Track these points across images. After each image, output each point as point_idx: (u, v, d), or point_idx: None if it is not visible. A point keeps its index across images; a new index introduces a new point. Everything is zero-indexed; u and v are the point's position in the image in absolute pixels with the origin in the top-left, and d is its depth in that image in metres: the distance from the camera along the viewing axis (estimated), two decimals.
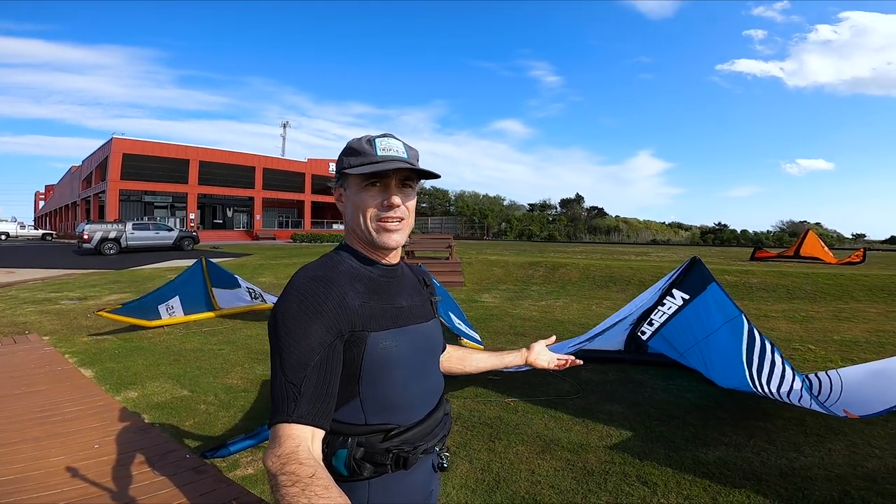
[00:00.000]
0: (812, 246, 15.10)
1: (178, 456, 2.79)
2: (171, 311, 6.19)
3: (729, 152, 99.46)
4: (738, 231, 39.92)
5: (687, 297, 3.52)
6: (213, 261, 7.14)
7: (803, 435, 3.06)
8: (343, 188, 0.96)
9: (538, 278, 11.10)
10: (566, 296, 9.31)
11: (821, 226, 42.26)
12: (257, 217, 36.30)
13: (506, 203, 53.78)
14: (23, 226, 39.39)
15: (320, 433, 0.78)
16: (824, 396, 3.26)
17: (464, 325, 5.28)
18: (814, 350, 5.18)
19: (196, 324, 6.35)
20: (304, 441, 0.73)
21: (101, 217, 30.77)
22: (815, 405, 2.79)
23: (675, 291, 3.56)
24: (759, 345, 3.20)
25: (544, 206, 51.28)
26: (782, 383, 3.11)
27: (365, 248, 0.96)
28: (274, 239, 34.08)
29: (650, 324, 3.68)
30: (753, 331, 3.24)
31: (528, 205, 52.67)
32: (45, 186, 67.52)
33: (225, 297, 6.85)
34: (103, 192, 30.93)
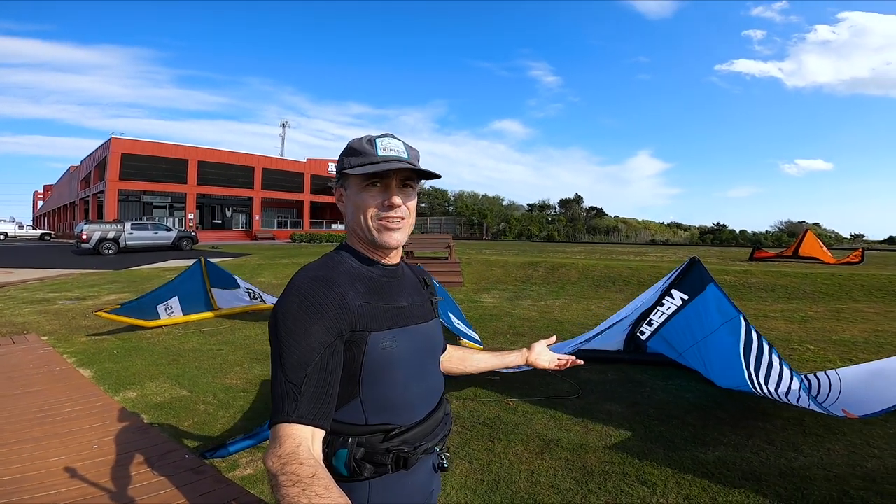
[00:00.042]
0: (811, 246, 15.13)
1: (177, 456, 2.79)
2: (170, 311, 6.18)
3: (728, 152, 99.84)
4: (737, 231, 39.98)
5: (686, 297, 3.52)
6: (212, 261, 7.14)
7: (802, 435, 3.07)
8: (344, 188, 0.96)
9: (537, 278, 11.10)
10: (565, 296, 9.31)
11: (819, 226, 42.35)
12: (256, 217, 36.28)
13: (505, 203, 53.88)
14: (21, 226, 39.35)
15: (321, 433, 0.78)
16: (823, 396, 3.27)
17: (463, 325, 5.28)
18: (812, 350, 5.19)
19: (195, 324, 6.34)
20: (304, 441, 0.73)
21: (99, 217, 30.72)
22: (814, 405, 2.80)
23: (673, 292, 3.56)
24: (757, 345, 3.21)
25: (543, 207, 51.33)
26: (780, 384, 3.12)
27: (366, 248, 0.96)
28: (273, 239, 34.05)
29: (649, 324, 3.69)
30: (751, 332, 3.25)
31: (528, 205, 52.76)
32: (44, 186, 67.44)
33: (224, 298, 6.84)
34: (102, 191, 30.90)
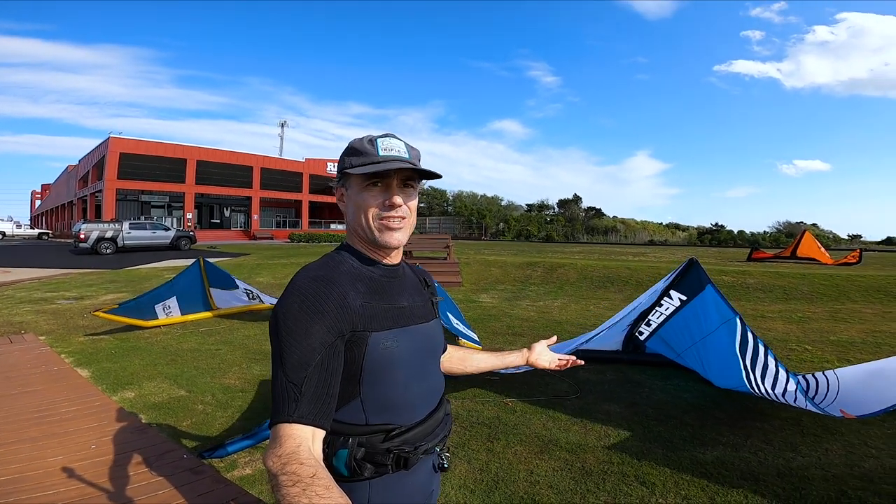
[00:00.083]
0: (808, 247, 15.18)
1: (175, 456, 2.79)
2: (168, 310, 6.17)
3: (726, 153, 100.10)
4: (735, 232, 40.04)
5: (684, 298, 3.53)
6: (211, 261, 7.12)
7: (800, 435, 3.07)
8: (345, 188, 0.96)
9: (536, 279, 11.10)
10: (564, 296, 9.31)
11: (817, 226, 42.45)
12: (255, 217, 36.21)
13: (504, 203, 53.87)
14: (19, 225, 39.27)
15: (321, 433, 0.78)
16: (821, 397, 3.27)
17: (462, 325, 5.28)
18: (810, 350, 5.20)
19: (193, 324, 6.33)
20: (304, 441, 0.73)
21: (97, 216, 30.71)
22: (811, 406, 2.81)
23: (672, 292, 3.57)
24: (752, 347, 3.21)
25: (542, 207, 51.38)
26: (776, 384, 3.12)
27: (366, 248, 0.96)
28: (271, 239, 33.98)
29: (648, 324, 3.69)
30: (747, 333, 3.25)
31: (526, 205, 52.79)
32: (42, 186, 67.29)
33: (222, 298, 6.83)
34: (100, 191, 30.84)
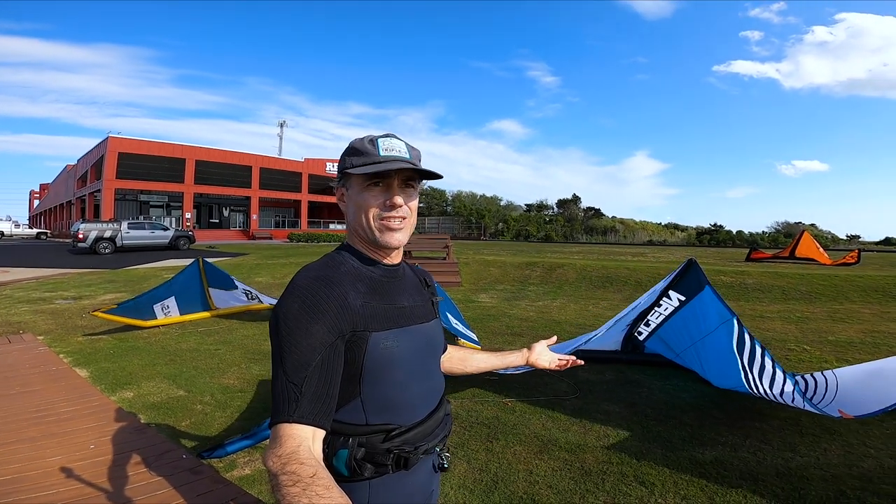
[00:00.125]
0: (807, 247, 15.20)
1: (174, 456, 2.78)
2: (167, 310, 6.16)
3: (725, 153, 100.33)
4: (734, 232, 40.15)
5: (683, 298, 3.54)
6: (210, 261, 7.12)
7: (799, 435, 3.08)
8: (345, 188, 0.96)
9: (535, 279, 11.11)
10: (563, 296, 9.32)
11: (816, 227, 42.62)
12: (254, 217, 36.15)
13: (503, 203, 53.93)
14: (17, 224, 39.23)
15: (321, 433, 0.78)
16: (819, 397, 3.28)
17: (461, 325, 5.28)
18: (809, 350, 5.21)
19: (192, 324, 6.33)
20: (304, 441, 0.73)
21: (96, 216, 30.66)
22: (809, 407, 2.81)
23: (671, 293, 3.58)
24: (749, 348, 3.22)
25: (541, 207, 51.44)
26: (773, 384, 3.13)
27: (367, 248, 0.96)
28: (270, 238, 33.93)
29: (647, 324, 3.70)
30: (744, 334, 3.25)
31: (525, 205, 52.88)
32: (40, 185, 67.15)
33: (221, 298, 6.82)
34: (99, 191, 30.78)
